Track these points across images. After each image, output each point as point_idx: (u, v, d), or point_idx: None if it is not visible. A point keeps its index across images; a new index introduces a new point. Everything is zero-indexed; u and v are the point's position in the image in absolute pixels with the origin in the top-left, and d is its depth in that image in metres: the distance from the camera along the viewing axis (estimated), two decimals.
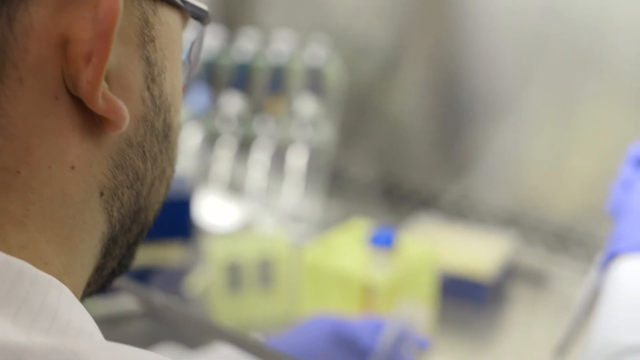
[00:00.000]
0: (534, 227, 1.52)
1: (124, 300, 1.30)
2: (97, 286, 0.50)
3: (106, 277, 0.50)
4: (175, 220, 1.34)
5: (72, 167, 0.42)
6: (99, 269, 0.48)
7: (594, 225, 1.47)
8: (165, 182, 0.50)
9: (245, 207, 1.65)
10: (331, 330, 0.99)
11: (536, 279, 1.47)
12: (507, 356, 1.27)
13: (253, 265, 1.31)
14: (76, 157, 0.42)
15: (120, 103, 0.42)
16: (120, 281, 0.71)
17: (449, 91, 1.60)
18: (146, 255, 1.34)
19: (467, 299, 1.38)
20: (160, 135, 0.48)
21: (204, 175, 1.67)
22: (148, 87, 0.45)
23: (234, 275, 1.35)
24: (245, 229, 1.59)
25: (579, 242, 1.48)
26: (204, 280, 1.40)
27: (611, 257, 0.80)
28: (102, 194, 0.45)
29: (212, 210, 1.63)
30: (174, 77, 0.48)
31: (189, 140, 1.64)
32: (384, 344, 1.00)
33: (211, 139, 1.72)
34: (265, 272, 1.36)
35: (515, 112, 1.49)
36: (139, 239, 0.51)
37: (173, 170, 0.51)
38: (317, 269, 1.25)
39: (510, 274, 1.44)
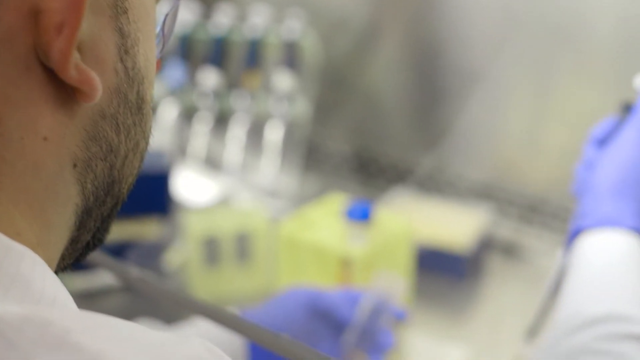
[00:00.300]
0: (509, 199, 1.53)
1: (102, 275, 1.31)
2: (71, 259, 0.50)
3: (80, 250, 0.50)
4: (153, 195, 1.34)
5: (45, 139, 0.42)
6: (73, 241, 0.48)
7: (568, 197, 1.48)
8: (139, 155, 0.50)
9: (222, 182, 1.65)
10: (308, 302, 0.99)
11: (512, 251, 1.48)
12: (483, 327, 1.28)
13: (230, 239, 1.32)
14: (49, 129, 0.42)
15: (92, 74, 0.42)
16: (97, 256, 0.71)
17: (425, 65, 1.61)
18: (124, 231, 1.34)
19: (443, 271, 1.39)
20: (133, 108, 0.48)
21: (180, 150, 1.67)
22: (121, 59, 0.45)
23: (212, 250, 1.35)
24: (222, 203, 1.59)
25: (554, 214, 1.50)
26: (182, 254, 1.41)
27: (575, 234, 0.82)
28: (75, 165, 0.45)
29: (189, 185, 1.63)
30: (148, 50, 0.48)
31: (166, 115, 1.64)
32: (361, 315, 1.01)
33: (188, 114, 1.72)
34: (243, 246, 1.36)
35: (490, 86, 1.50)
36: (113, 212, 0.51)
37: (147, 144, 0.51)
38: (294, 242, 1.25)
39: (486, 246, 1.45)
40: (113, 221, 0.52)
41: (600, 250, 0.78)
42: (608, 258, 0.77)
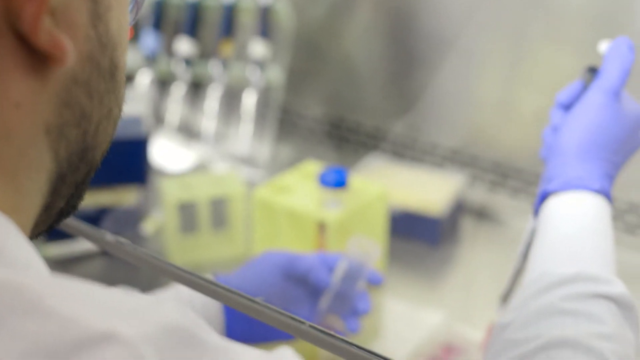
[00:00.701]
0: (482, 165, 1.54)
1: (82, 242, 1.31)
2: (45, 226, 0.50)
3: (54, 217, 0.50)
4: (130, 162, 1.34)
5: (17, 105, 0.42)
6: (46, 208, 0.48)
7: (541, 162, 1.49)
8: (112, 122, 0.50)
9: (197, 150, 1.65)
10: (283, 266, 1.00)
11: (486, 216, 1.50)
12: (458, 291, 1.29)
13: (207, 205, 1.32)
14: (20, 95, 0.42)
15: (64, 38, 0.42)
16: (73, 222, 0.72)
17: (399, 32, 1.61)
18: (101, 197, 1.35)
19: (418, 236, 1.40)
20: (106, 74, 0.48)
21: (156, 119, 1.67)
22: (93, 25, 0.45)
23: (188, 216, 1.35)
24: (198, 170, 1.59)
25: (527, 179, 1.51)
26: (158, 221, 1.41)
27: (543, 198, 0.82)
28: (48, 132, 0.45)
29: (165, 153, 1.63)
30: (121, 16, 0.48)
31: (141, 84, 1.63)
32: (337, 280, 1.01)
33: (162, 83, 1.72)
34: (219, 212, 1.37)
35: (464, 53, 1.50)
36: (86, 179, 0.51)
37: (120, 111, 0.51)
38: (269, 208, 1.26)
39: (460, 211, 1.47)
40: (86, 188, 0.52)
41: (567, 213, 0.79)
42: (575, 220, 0.78)
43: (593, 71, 0.88)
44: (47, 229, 0.51)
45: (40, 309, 0.38)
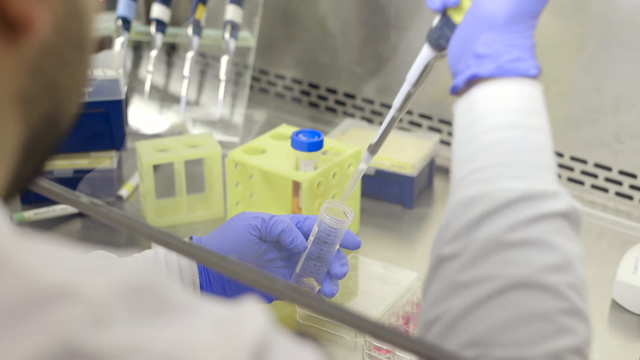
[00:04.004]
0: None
1: (58, 206, 1.32)
2: (12, 192, 0.50)
3: (21, 182, 0.51)
4: (106, 126, 1.34)
5: None
6: (14, 174, 0.49)
7: None
8: (80, 90, 0.51)
9: (172, 114, 1.65)
10: (256, 227, 1.00)
11: None
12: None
13: (183, 168, 1.33)
14: None
15: (35, 7, 0.43)
16: (49, 185, 0.72)
17: None
18: (79, 162, 1.35)
19: (391, 197, 1.42)
20: (76, 43, 0.48)
21: (131, 83, 1.67)
22: None
23: (164, 178, 1.36)
24: (174, 133, 1.60)
25: None
26: (135, 184, 1.42)
27: (470, 79, 0.74)
28: (19, 100, 0.45)
29: (140, 117, 1.63)
30: None
31: (116, 49, 1.63)
32: (311, 240, 1.03)
33: (136, 48, 1.72)
34: (195, 174, 1.38)
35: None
36: (55, 145, 0.51)
37: (89, 78, 0.52)
38: (245, 170, 1.27)
39: (433, 172, 1.48)
40: (52, 155, 0.52)
41: (504, 107, 0.71)
42: (512, 117, 0.70)
43: None
44: (12, 194, 0.51)
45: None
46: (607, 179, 1.43)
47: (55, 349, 0.39)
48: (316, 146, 1.20)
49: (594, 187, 1.45)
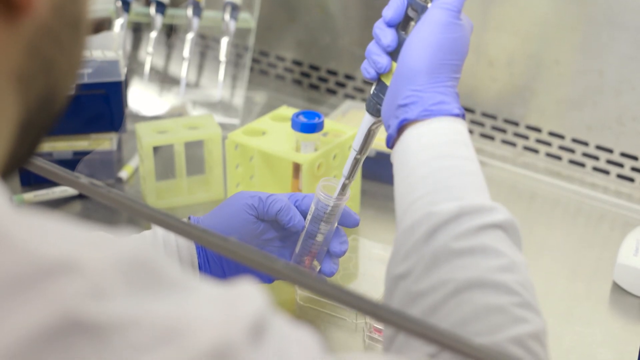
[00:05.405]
0: None
1: (58, 187, 1.31)
2: (8, 170, 0.51)
3: (17, 161, 0.51)
4: (106, 107, 1.33)
5: None
6: (10, 154, 0.49)
7: (518, 109, 1.50)
8: (76, 71, 0.51)
9: (171, 95, 1.65)
10: (253, 205, 1.00)
11: None
12: None
13: (183, 149, 1.32)
14: None
15: None
16: (48, 166, 0.72)
17: None
18: (79, 143, 1.35)
19: (391, 178, 1.41)
20: (71, 24, 0.48)
21: (131, 65, 1.67)
22: None
23: (164, 160, 1.36)
24: (174, 115, 1.59)
25: (497, 122, 1.52)
26: (135, 166, 1.41)
27: (400, 125, 0.80)
28: (17, 79, 0.45)
29: (140, 98, 1.63)
30: None
31: (114, 30, 1.62)
32: (308, 219, 1.02)
33: (135, 29, 1.71)
34: (195, 156, 1.37)
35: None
36: (49, 125, 0.52)
37: (85, 60, 0.52)
38: (245, 152, 1.26)
39: None
40: (47, 135, 0.53)
41: (433, 142, 0.77)
42: (442, 150, 0.76)
43: None
44: (8, 173, 0.51)
45: None
46: (609, 161, 1.43)
47: (56, 320, 0.39)
48: (317, 127, 1.19)
49: (595, 169, 1.45)
